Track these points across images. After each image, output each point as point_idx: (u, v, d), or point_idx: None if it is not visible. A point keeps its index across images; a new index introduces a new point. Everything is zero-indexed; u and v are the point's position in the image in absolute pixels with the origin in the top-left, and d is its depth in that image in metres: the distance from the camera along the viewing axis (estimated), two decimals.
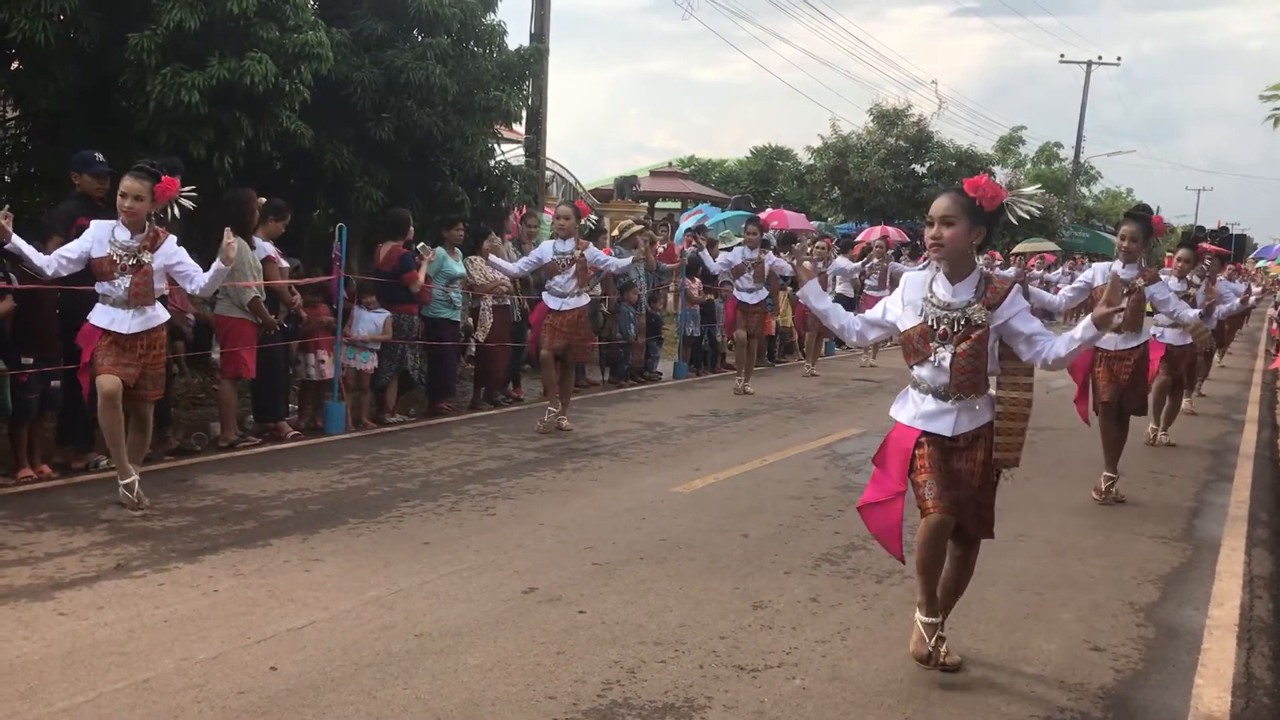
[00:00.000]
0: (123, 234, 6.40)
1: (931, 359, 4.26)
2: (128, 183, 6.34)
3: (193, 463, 7.77)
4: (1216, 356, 16.93)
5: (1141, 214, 7.59)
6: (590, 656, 4.40)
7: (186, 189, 6.52)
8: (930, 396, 4.29)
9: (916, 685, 4.28)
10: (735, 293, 13.06)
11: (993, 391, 4.33)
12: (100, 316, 6.40)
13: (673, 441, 9.48)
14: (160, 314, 6.54)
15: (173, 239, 6.54)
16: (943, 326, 4.23)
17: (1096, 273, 7.65)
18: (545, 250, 9.82)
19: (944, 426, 4.26)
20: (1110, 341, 7.53)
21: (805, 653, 4.57)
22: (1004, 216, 4.25)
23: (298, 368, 9.31)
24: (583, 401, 11.76)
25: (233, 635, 4.45)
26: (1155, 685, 4.42)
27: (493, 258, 10.67)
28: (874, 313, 4.58)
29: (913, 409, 4.35)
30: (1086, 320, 4.10)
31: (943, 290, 4.25)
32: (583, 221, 9.69)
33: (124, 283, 6.36)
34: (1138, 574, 5.95)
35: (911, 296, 4.34)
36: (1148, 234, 7.43)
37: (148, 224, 6.43)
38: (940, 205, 4.19)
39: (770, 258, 13.24)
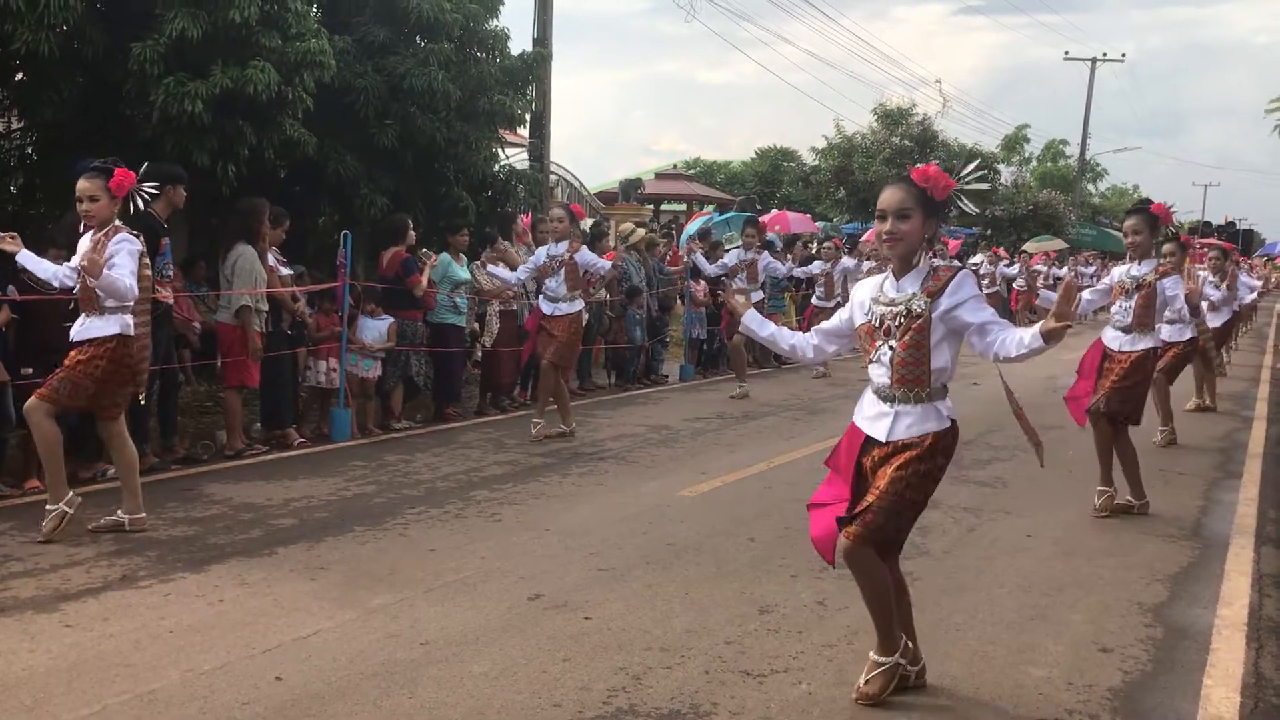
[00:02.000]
0: (85, 241, 6.05)
1: (876, 357, 4.04)
2: (81, 184, 5.98)
3: (199, 472, 7.79)
4: (1225, 355, 16.81)
5: (1143, 207, 7.44)
6: (596, 663, 4.39)
7: (148, 184, 6.21)
8: (876, 397, 4.07)
9: (922, 689, 4.26)
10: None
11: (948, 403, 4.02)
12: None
13: (679, 445, 9.47)
14: (102, 326, 5.98)
15: (125, 235, 5.99)
16: (886, 322, 4.00)
17: (1115, 275, 7.56)
18: (540, 254, 9.81)
19: (880, 430, 4.01)
20: (1117, 341, 7.30)
21: (812, 657, 4.55)
22: (951, 207, 4.03)
23: (305, 374, 9.32)
24: (589, 405, 11.76)
25: (238, 645, 4.45)
26: (1164, 686, 4.40)
27: (491, 268, 10.67)
28: (831, 323, 4.35)
29: (863, 409, 4.13)
30: (1035, 330, 3.81)
31: (890, 286, 4.04)
32: (583, 225, 9.60)
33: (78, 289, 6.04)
34: (1146, 574, 5.93)
35: (863, 297, 4.14)
36: (1154, 226, 7.27)
37: (112, 226, 6.02)
38: (893, 198, 3.94)
39: (765, 259, 13.02)
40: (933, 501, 7.20)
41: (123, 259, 5.93)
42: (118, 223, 6.05)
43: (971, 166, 4.05)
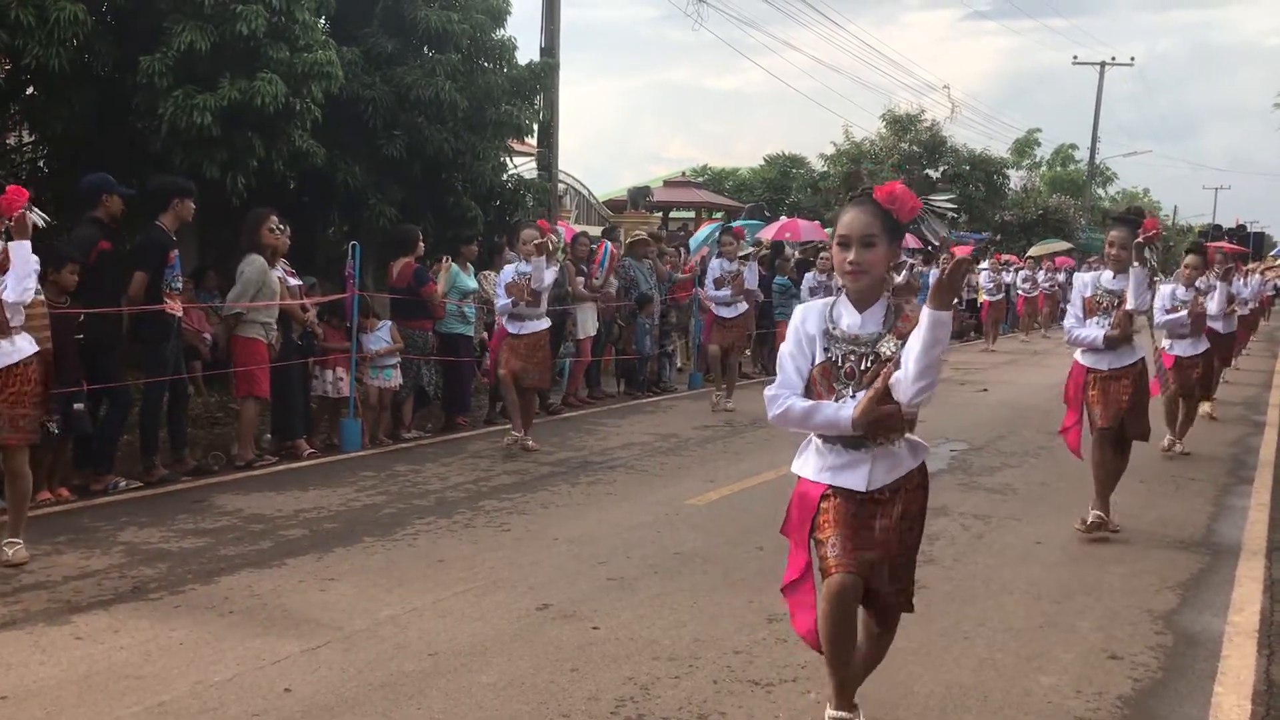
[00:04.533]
0: None
1: (838, 402, 3.51)
2: None
3: (210, 483, 7.81)
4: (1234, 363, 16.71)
5: (1129, 218, 6.97)
6: (604, 673, 4.40)
7: (39, 211, 5.79)
8: (839, 445, 3.56)
9: (932, 697, 4.26)
10: (714, 307, 12.31)
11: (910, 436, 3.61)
12: None
13: (687, 453, 9.48)
14: (18, 348, 5.66)
15: (19, 245, 5.57)
16: (849, 364, 3.51)
17: (1084, 287, 7.01)
18: (507, 273, 9.31)
19: (857, 479, 3.54)
20: (1104, 360, 6.82)
21: (819, 666, 4.50)
22: (913, 228, 3.54)
23: (314, 384, 9.35)
24: (597, 414, 11.79)
25: (247, 657, 4.47)
26: (1174, 694, 4.38)
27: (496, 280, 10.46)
28: (791, 376, 3.58)
29: (818, 461, 3.62)
30: (848, 411, 3.44)
31: (848, 320, 3.53)
32: (547, 240, 9.16)
33: None
34: (1156, 581, 5.90)
35: (811, 329, 3.58)
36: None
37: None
38: (857, 223, 3.44)
39: (750, 269, 12.44)
40: (941, 508, 7.29)
41: (12, 271, 5.56)
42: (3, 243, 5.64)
43: (944, 198, 3.66)
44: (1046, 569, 6.08)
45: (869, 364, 3.47)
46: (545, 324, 9.35)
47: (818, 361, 3.55)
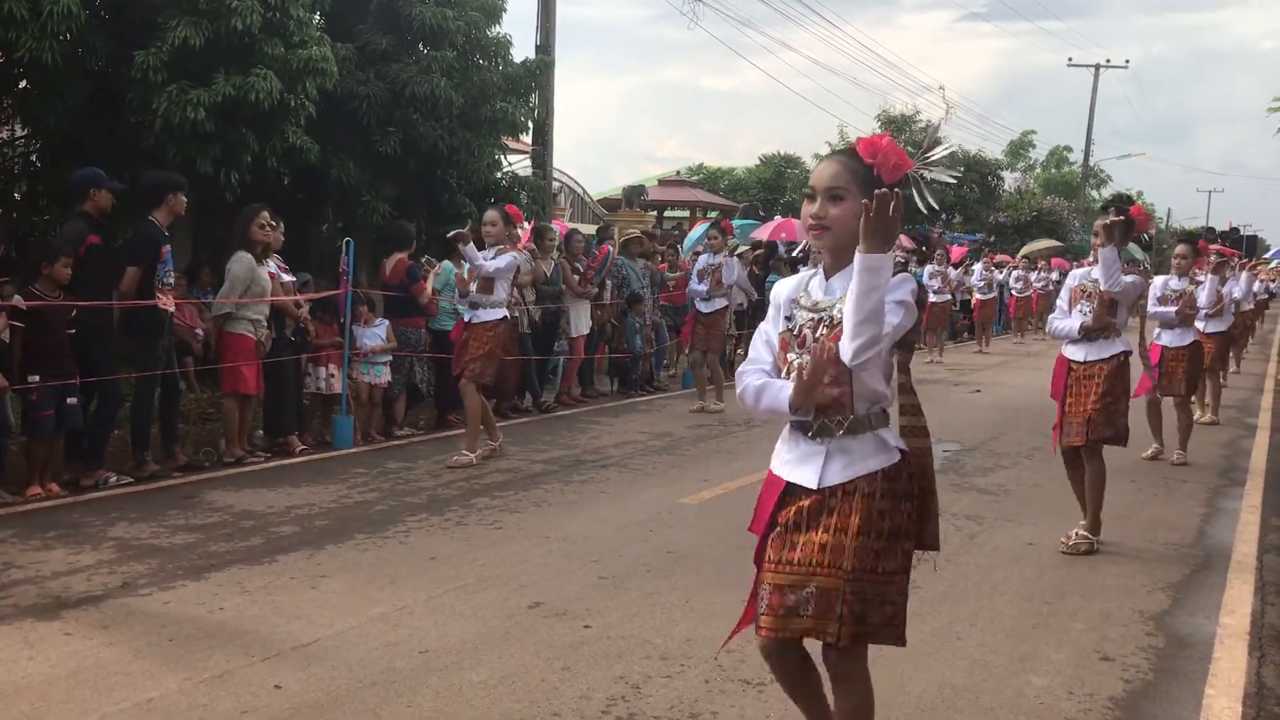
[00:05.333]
0: None
1: (787, 374, 3.10)
2: None
3: (201, 479, 7.79)
4: (1233, 364, 16.71)
5: (1120, 208, 6.62)
6: (596, 672, 4.39)
7: None
8: (799, 433, 3.10)
9: (924, 697, 4.25)
10: (695, 302, 12.16)
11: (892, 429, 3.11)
12: None
13: (681, 452, 9.47)
14: None
15: None
16: (804, 330, 3.07)
17: (1074, 279, 6.86)
18: (472, 253, 8.52)
19: (808, 475, 3.05)
20: (1081, 351, 6.57)
21: None
22: (907, 193, 3.04)
23: (307, 381, 9.33)
24: (591, 412, 11.78)
25: (237, 654, 4.45)
26: (1165, 695, 4.38)
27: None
28: (760, 351, 3.22)
29: (781, 450, 3.19)
30: (788, 391, 3.03)
31: (817, 288, 3.11)
32: (523, 227, 8.66)
33: None
34: (1148, 582, 5.91)
35: (782, 298, 3.20)
36: (1128, 230, 6.55)
37: None
38: (824, 174, 3.04)
39: (728, 264, 11.99)
40: None
41: None
42: None
43: (940, 150, 3.15)
44: (1039, 570, 6.08)
45: (825, 330, 3.02)
46: (496, 314, 8.55)
47: (780, 330, 3.16)
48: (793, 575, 3.03)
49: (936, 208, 3.12)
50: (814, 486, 3.04)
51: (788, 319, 3.14)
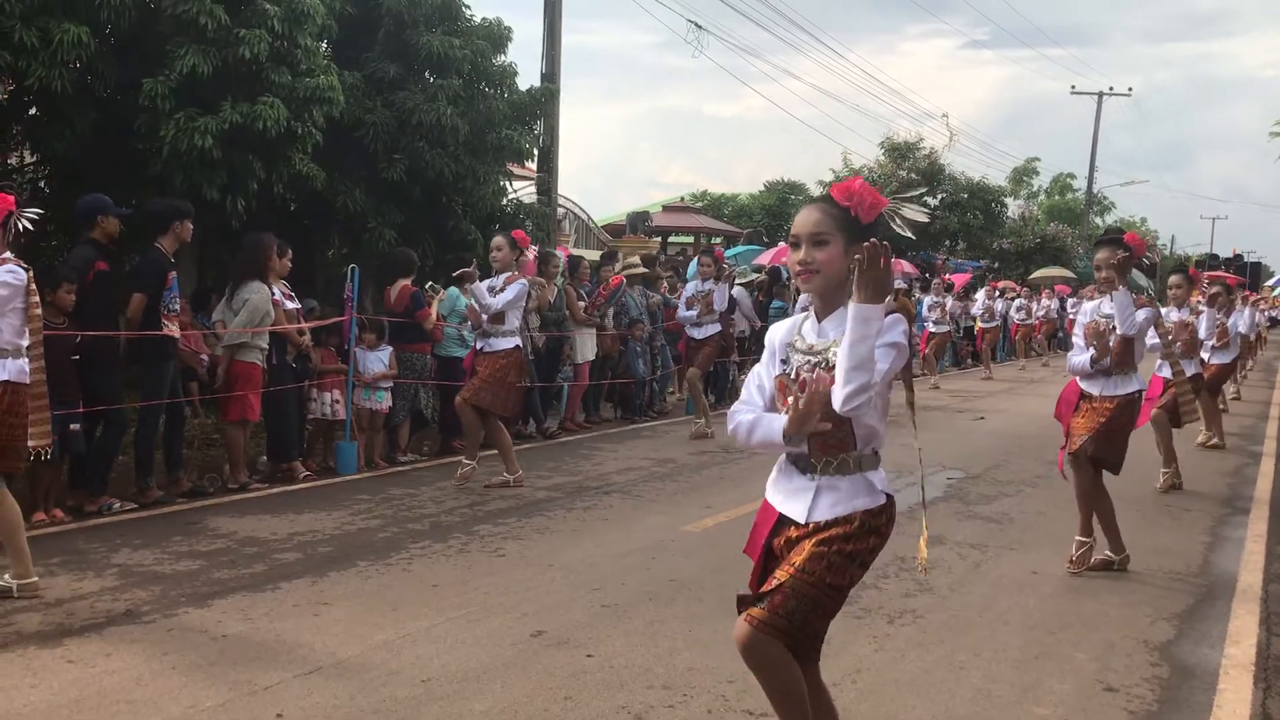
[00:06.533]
0: None
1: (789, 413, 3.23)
2: None
3: (204, 505, 7.79)
4: (1230, 388, 16.70)
5: (1115, 238, 6.79)
6: (598, 701, 4.38)
7: (29, 210, 5.59)
8: (793, 467, 3.31)
9: None
10: (688, 329, 12.18)
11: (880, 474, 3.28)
12: None
13: (684, 479, 9.46)
14: None
15: (10, 266, 5.36)
16: (802, 374, 3.23)
17: (1085, 314, 6.94)
18: (481, 288, 8.65)
19: (797, 509, 3.26)
20: (1096, 385, 6.70)
21: None
22: (882, 229, 3.19)
23: (310, 406, 9.34)
24: (594, 439, 11.78)
25: (239, 682, 4.44)
26: None
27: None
28: (753, 394, 3.36)
29: (776, 480, 3.38)
30: (781, 422, 3.19)
31: (810, 331, 3.29)
32: (530, 252, 8.63)
33: None
34: (1152, 611, 5.89)
35: (777, 342, 3.36)
36: (1128, 259, 6.59)
37: None
38: (807, 220, 3.20)
39: (720, 290, 11.96)
40: (938, 537, 7.26)
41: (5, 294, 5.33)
42: (6, 254, 5.46)
43: (912, 194, 3.35)
44: (1043, 599, 6.06)
45: (821, 374, 3.18)
46: (508, 343, 8.58)
47: (775, 374, 3.32)
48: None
49: (914, 237, 3.37)
50: (802, 520, 3.24)
51: (783, 362, 3.32)
